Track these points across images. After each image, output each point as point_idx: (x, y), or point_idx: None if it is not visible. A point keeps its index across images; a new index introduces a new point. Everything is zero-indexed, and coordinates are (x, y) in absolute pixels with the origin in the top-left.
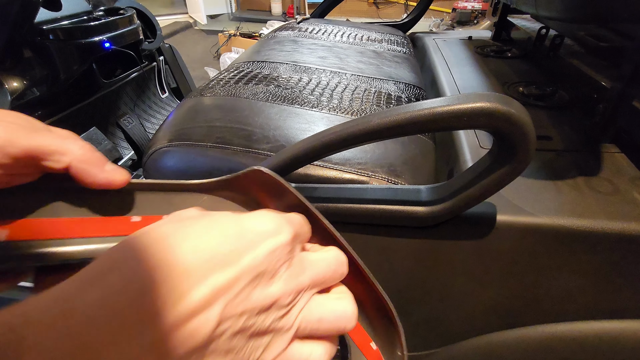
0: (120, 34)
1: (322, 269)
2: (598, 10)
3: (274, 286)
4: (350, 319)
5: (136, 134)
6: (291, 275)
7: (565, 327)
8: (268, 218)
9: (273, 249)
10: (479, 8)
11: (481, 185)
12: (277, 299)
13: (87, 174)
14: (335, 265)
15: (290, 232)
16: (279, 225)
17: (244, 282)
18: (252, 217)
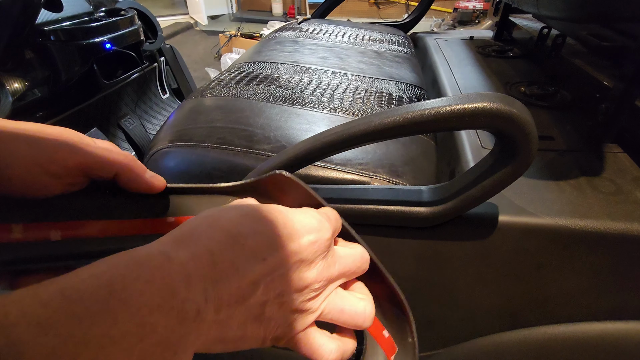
0: (121, 35)
1: (349, 264)
2: (600, 10)
3: (310, 272)
4: (367, 317)
5: (137, 135)
6: (325, 266)
7: (568, 328)
8: (312, 215)
9: (315, 241)
10: (480, 8)
11: (483, 186)
12: (310, 284)
13: (133, 181)
14: (360, 262)
15: (329, 230)
16: (321, 222)
17: (291, 262)
18: (298, 213)
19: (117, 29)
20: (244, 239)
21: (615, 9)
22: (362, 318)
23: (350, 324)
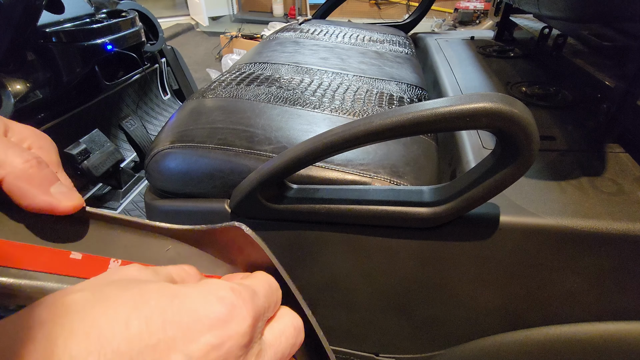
0: (122, 36)
1: (281, 350)
2: (601, 9)
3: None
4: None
5: (138, 136)
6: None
7: (570, 329)
8: (218, 297)
9: (218, 344)
10: (481, 8)
11: (484, 186)
12: None
13: (24, 194)
14: (294, 338)
15: (248, 319)
16: (233, 307)
17: None
18: (198, 294)
19: (118, 31)
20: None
21: (616, 8)
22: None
23: None
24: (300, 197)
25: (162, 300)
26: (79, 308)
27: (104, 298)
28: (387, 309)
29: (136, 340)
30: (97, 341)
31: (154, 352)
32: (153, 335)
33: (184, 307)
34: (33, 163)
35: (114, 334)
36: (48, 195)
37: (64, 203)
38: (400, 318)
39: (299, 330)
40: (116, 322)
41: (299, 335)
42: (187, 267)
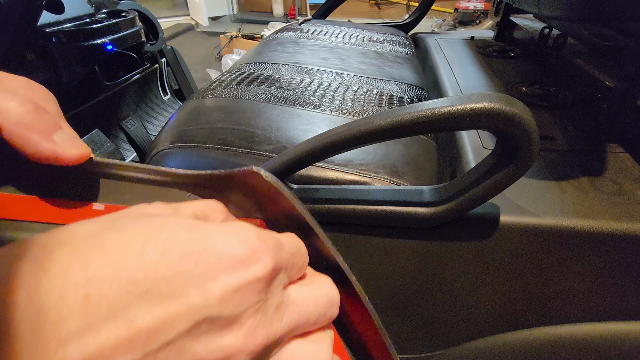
0: (122, 37)
1: (307, 313)
2: (601, 9)
3: (229, 338)
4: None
5: (138, 136)
6: (259, 324)
7: (570, 329)
8: (240, 237)
9: (237, 286)
10: (481, 8)
11: (484, 186)
12: (229, 355)
13: (26, 142)
14: (324, 307)
15: (269, 264)
16: (253, 250)
17: (182, 328)
18: (218, 231)
19: (118, 31)
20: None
21: (617, 8)
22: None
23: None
24: (300, 198)
25: (181, 233)
26: (93, 235)
27: (119, 227)
28: (386, 309)
29: (151, 270)
30: (111, 267)
31: (169, 284)
32: (169, 267)
33: (203, 244)
34: (30, 107)
35: (129, 262)
36: (51, 142)
37: (69, 151)
38: (400, 318)
39: (333, 302)
40: (131, 250)
41: (331, 307)
42: (213, 202)
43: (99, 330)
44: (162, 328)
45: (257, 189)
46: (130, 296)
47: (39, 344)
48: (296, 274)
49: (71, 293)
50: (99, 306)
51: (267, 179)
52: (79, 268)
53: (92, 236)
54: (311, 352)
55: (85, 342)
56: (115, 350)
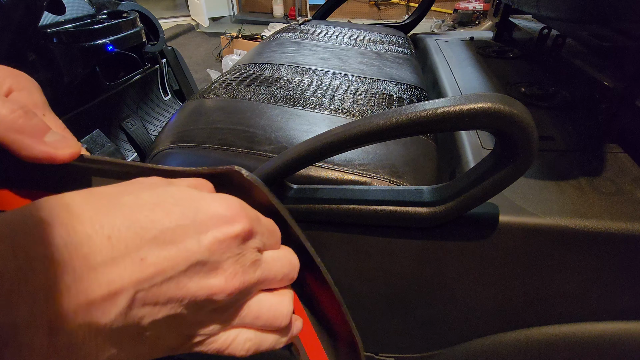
0: (123, 37)
1: (274, 271)
2: (600, 10)
3: (214, 279)
4: (285, 318)
5: (139, 136)
6: (237, 271)
7: (569, 328)
8: (226, 204)
9: (222, 238)
10: (481, 9)
11: (483, 186)
12: (213, 293)
13: (19, 146)
14: (287, 269)
15: (245, 224)
16: (235, 213)
17: (180, 267)
18: (210, 197)
19: (119, 31)
20: (110, 229)
21: (616, 9)
22: (280, 320)
23: (267, 328)
24: (300, 197)
25: (181, 198)
26: (111, 196)
27: (132, 191)
28: (386, 309)
29: (158, 222)
30: (128, 218)
31: (172, 234)
32: (172, 222)
33: (198, 206)
34: (20, 113)
35: (141, 215)
36: (44, 144)
37: (61, 151)
38: (399, 317)
39: (294, 267)
40: (143, 207)
41: (292, 270)
42: (203, 180)
43: (118, 263)
44: (166, 266)
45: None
46: (142, 240)
47: (73, 271)
48: (271, 243)
49: (98, 234)
50: (118, 245)
51: (248, 177)
52: (103, 217)
53: (111, 196)
54: (275, 301)
55: (108, 271)
56: (130, 279)
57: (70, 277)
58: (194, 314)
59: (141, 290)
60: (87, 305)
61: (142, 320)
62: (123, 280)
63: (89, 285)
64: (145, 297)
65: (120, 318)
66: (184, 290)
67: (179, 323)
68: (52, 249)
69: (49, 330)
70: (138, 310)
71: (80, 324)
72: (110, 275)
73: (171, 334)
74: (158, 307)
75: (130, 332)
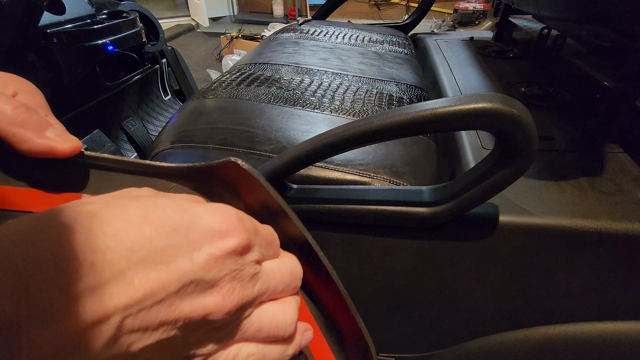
0: (123, 37)
1: (274, 283)
2: (600, 10)
3: (209, 298)
4: (290, 327)
5: (139, 136)
6: (234, 288)
7: (569, 328)
8: (221, 216)
9: (217, 255)
10: (481, 9)
11: (483, 186)
12: (209, 313)
13: (21, 140)
14: (289, 278)
15: (242, 238)
16: (231, 227)
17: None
18: (202, 210)
19: (119, 31)
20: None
21: (616, 9)
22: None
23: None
24: (300, 197)
25: (172, 212)
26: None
27: (118, 206)
28: (386, 308)
29: (147, 242)
30: (113, 239)
31: (162, 254)
32: (162, 240)
33: (190, 220)
34: (22, 109)
35: (127, 235)
36: (45, 138)
37: (62, 145)
38: (399, 317)
39: (296, 276)
40: (129, 225)
41: (295, 279)
42: (196, 196)
43: (102, 290)
44: (155, 289)
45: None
46: (129, 262)
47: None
48: (270, 253)
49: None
50: (103, 271)
51: (244, 167)
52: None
53: (94, 214)
54: (277, 311)
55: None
56: (116, 306)
57: (47, 310)
58: (189, 335)
59: (129, 316)
60: (68, 340)
61: (131, 346)
62: (107, 307)
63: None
64: (134, 323)
65: (107, 348)
66: (177, 312)
67: (174, 346)
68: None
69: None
70: (127, 337)
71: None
72: (93, 305)
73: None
74: (149, 332)
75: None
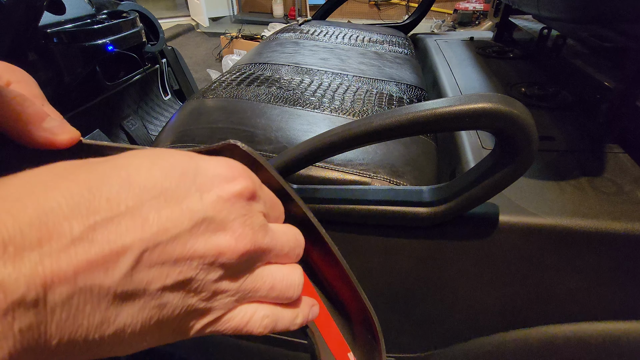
0: (123, 37)
1: (281, 243)
2: (601, 11)
3: (222, 238)
4: (298, 288)
5: (139, 136)
6: (246, 233)
7: (569, 328)
8: (227, 164)
9: (225, 197)
10: (481, 9)
11: (483, 186)
12: (222, 252)
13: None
14: (294, 243)
15: (248, 183)
16: (237, 173)
17: (184, 226)
18: (209, 159)
19: (119, 31)
20: (108, 192)
21: (616, 9)
22: (292, 290)
23: (280, 300)
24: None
25: (180, 158)
26: (107, 160)
27: (128, 156)
28: (386, 308)
29: (158, 184)
30: (126, 180)
31: (172, 195)
32: (172, 182)
33: (198, 167)
34: (19, 101)
35: (140, 177)
36: (43, 130)
37: (60, 136)
38: (399, 317)
39: (300, 243)
40: (141, 169)
41: (299, 246)
42: None
43: (119, 222)
44: (169, 225)
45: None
46: (142, 201)
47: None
48: (274, 215)
49: (95, 197)
50: (118, 206)
51: (244, 149)
52: (98, 180)
53: (106, 162)
54: (286, 270)
55: (109, 231)
56: (133, 239)
57: (67, 237)
58: (205, 279)
59: (146, 251)
60: (87, 265)
61: (149, 285)
62: (125, 239)
63: (88, 244)
64: (150, 258)
65: (125, 281)
66: (192, 250)
67: (191, 293)
68: (46, 210)
69: (44, 291)
70: (144, 273)
71: (81, 286)
72: (110, 235)
73: (183, 306)
74: (166, 270)
75: (137, 300)
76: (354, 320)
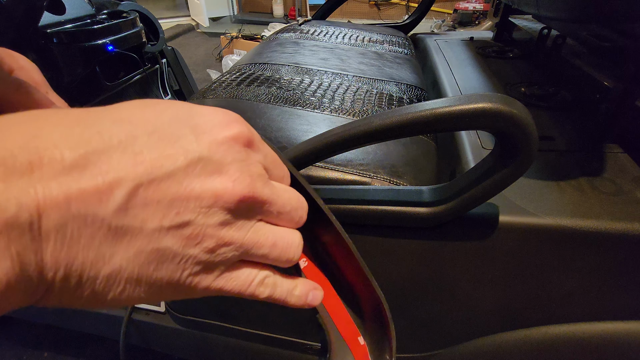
0: (123, 37)
1: (282, 200)
2: (601, 10)
3: (220, 181)
4: (297, 249)
5: None
6: (244, 179)
7: (569, 328)
8: (222, 111)
9: (220, 139)
10: (481, 9)
11: (483, 186)
12: (220, 195)
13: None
14: (296, 204)
15: (243, 129)
16: (232, 119)
17: (179, 163)
18: (209, 109)
19: (119, 31)
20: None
21: (615, 9)
22: (293, 251)
23: (280, 260)
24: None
25: (174, 105)
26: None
27: (121, 103)
28: None
29: (152, 120)
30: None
31: (166, 134)
32: (165, 121)
33: (194, 111)
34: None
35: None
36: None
37: None
38: (399, 317)
39: (302, 206)
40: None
41: (300, 208)
42: None
43: (111, 155)
44: (163, 160)
45: None
46: (135, 136)
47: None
48: (277, 174)
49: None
50: (110, 139)
51: None
52: (92, 117)
53: (102, 109)
54: (285, 232)
55: (101, 162)
56: (126, 171)
57: (58, 164)
58: (204, 224)
59: (140, 185)
60: (80, 194)
61: (145, 223)
62: (118, 171)
63: (80, 173)
64: (145, 194)
65: (120, 215)
66: (188, 189)
67: (192, 241)
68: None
69: (38, 215)
70: (139, 209)
71: (75, 214)
72: (103, 166)
73: (184, 255)
74: (162, 209)
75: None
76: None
